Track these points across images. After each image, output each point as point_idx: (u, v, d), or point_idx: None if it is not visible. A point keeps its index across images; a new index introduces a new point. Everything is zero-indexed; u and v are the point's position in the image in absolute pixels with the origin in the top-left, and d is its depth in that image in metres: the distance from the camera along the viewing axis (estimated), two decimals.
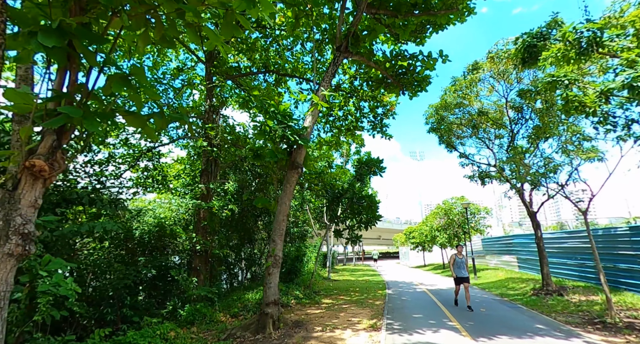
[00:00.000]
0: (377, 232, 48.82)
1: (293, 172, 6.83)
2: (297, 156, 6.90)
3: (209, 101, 10.53)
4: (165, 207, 10.53)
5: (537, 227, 10.10)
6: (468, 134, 13.02)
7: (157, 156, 11.21)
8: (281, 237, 6.53)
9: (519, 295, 10.08)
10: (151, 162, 11.12)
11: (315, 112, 7.27)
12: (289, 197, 6.73)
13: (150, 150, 10.89)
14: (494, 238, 19.42)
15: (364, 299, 9.96)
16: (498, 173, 11.94)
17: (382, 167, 14.28)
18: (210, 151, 9.80)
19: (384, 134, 13.33)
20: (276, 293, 6.24)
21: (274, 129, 6.57)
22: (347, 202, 13.29)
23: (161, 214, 11.77)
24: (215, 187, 9.85)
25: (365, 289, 12.76)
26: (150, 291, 8.87)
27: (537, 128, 9.09)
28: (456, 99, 11.49)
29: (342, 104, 13.50)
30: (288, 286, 11.23)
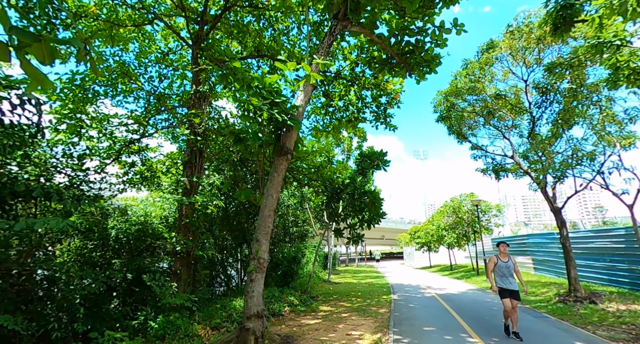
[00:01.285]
0: (380, 232, 47.66)
1: (281, 158, 5.76)
2: (286, 139, 5.82)
3: (195, 87, 9.50)
4: (156, 205, 9.58)
5: (563, 225, 8.94)
6: (481, 123, 11.88)
7: (145, 150, 10.20)
8: (267, 237, 5.45)
9: (542, 302, 8.92)
10: (138, 156, 10.12)
11: (307, 89, 6.18)
12: (277, 188, 5.66)
13: (133, 142, 9.86)
14: (505, 238, 18.22)
15: (366, 307, 8.86)
16: (515, 165, 10.80)
17: (385, 160, 13.17)
18: (194, 140, 8.76)
19: (387, 125, 12.24)
20: (260, 303, 5.17)
21: (259, 109, 5.51)
22: (348, 199, 12.19)
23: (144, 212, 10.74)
24: (199, 180, 8.79)
25: (368, 293, 11.65)
26: (126, 298, 7.85)
27: (563, 112, 7.94)
28: (468, 84, 10.35)
29: (342, 93, 12.40)
30: (282, 290, 10.15)
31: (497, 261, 5.79)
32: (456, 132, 11.29)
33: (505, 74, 10.33)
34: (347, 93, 12.14)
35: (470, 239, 18.74)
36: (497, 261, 5.79)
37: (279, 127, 5.87)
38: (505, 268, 5.72)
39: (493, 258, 5.82)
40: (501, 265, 5.76)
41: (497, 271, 5.78)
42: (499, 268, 5.76)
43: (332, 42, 6.78)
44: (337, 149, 22.81)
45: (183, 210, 8.57)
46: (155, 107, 10.62)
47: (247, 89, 5.53)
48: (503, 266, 5.75)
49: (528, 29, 8.17)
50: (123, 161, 10.09)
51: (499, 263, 5.78)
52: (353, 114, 12.40)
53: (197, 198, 8.14)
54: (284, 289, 10.32)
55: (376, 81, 11.46)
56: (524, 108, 8.93)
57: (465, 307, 8.64)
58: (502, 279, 5.73)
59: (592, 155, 6.47)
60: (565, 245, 8.91)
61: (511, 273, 5.73)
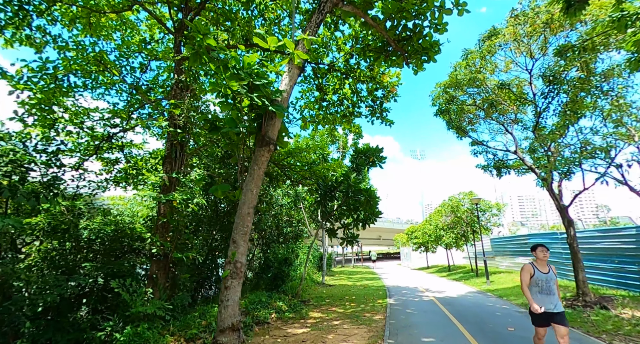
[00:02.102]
0: (377, 232, 47.11)
1: (263, 150, 5.11)
2: (268, 128, 5.17)
3: (176, 76, 8.83)
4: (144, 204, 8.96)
5: (570, 224, 8.36)
6: (481, 117, 11.31)
7: (129, 147, 9.52)
8: (245, 238, 4.80)
9: None
10: (121, 153, 9.43)
11: (293, 72, 5.53)
12: (257, 183, 5.01)
13: (112, 137, 9.14)
14: (505, 238, 17.70)
15: (360, 312, 8.22)
16: (517, 161, 10.22)
17: (381, 157, 12.55)
18: (174, 133, 8.10)
19: (383, 119, 11.65)
20: (236, 313, 4.51)
21: (238, 93, 4.87)
22: (342, 197, 11.56)
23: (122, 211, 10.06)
24: (179, 177, 8.11)
25: (363, 297, 11.02)
26: (97, 305, 7.15)
27: (572, 103, 7.36)
28: (468, 75, 9.76)
29: (336, 86, 11.77)
30: (271, 295, 9.49)
31: (533, 272, 4.05)
32: (455, 127, 10.70)
33: (507, 64, 9.75)
34: (341, 86, 11.52)
35: (469, 240, 18.18)
36: (533, 272, 4.05)
37: (260, 115, 5.23)
38: (545, 282, 3.99)
39: (528, 267, 4.13)
40: (540, 277, 4.00)
41: (534, 286, 4.06)
42: (537, 281, 4.01)
43: (321, 21, 6.14)
44: (332, 147, 22.21)
45: (161, 209, 7.90)
46: (139, 101, 9.92)
47: (223, 71, 4.88)
48: (542, 279, 4.00)
49: (534, 13, 7.59)
50: (106, 158, 9.44)
51: (537, 275, 4.02)
52: (348, 108, 11.79)
53: (176, 195, 7.46)
54: (272, 294, 9.66)
55: (372, 74, 10.85)
56: (529, 99, 8.35)
57: (467, 312, 8.03)
58: (542, 296, 3.97)
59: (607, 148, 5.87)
60: (572, 246, 8.34)
61: (553, 288, 4.01)
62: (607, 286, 9.44)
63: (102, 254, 7.65)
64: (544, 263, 4.14)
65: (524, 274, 4.13)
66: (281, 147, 5.70)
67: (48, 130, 7.40)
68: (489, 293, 11.37)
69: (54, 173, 7.17)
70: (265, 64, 5.03)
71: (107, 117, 8.50)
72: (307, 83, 12.05)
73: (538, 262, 4.14)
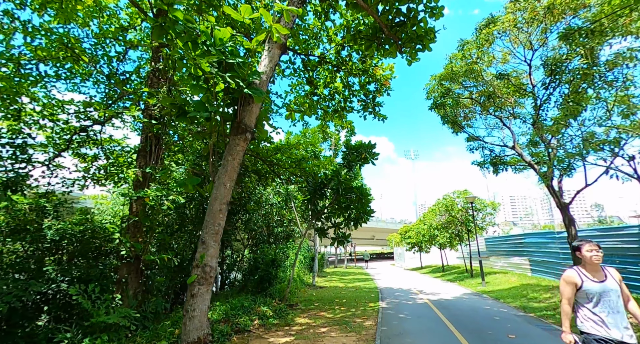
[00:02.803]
0: (370, 232, 46.73)
1: (238, 138, 4.51)
2: (244, 114, 4.58)
3: (154, 64, 8.18)
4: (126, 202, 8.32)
5: (571, 223, 7.94)
6: (477, 112, 10.87)
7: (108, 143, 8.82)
8: (216, 238, 4.20)
9: (547, 309, 7.90)
10: (100, 149, 8.73)
11: (273, 52, 4.94)
12: (232, 175, 4.41)
13: (84, 130, 8.43)
14: (500, 238, 17.36)
15: (350, 318, 7.67)
16: (514, 158, 9.80)
17: (374, 153, 11.99)
18: (149, 124, 7.45)
19: (376, 114, 11.16)
20: (204, 325, 3.91)
21: (209, 74, 4.28)
22: (333, 195, 11.01)
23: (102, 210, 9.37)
24: (154, 172, 7.46)
25: (354, 300, 10.47)
26: (60, 313, 6.46)
27: (574, 93, 6.91)
28: (464, 67, 9.29)
29: (328, 80, 11.20)
30: (256, 299, 8.88)
31: (580, 282, 2.64)
32: (451, 121, 10.23)
33: (505, 56, 9.31)
34: (332, 80, 10.97)
35: (464, 239, 17.79)
36: (580, 282, 2.64)
37: (235, 99, 4.63)
38: (603, 294, 2.57)
39: (571, 275, 2.73)
40: (591, 289, 2.59)
41: (582, 301, 2.65)
42: (589, 293, 2.61)
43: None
44: (324, 144, 21.65)
45: (133, 207, 7.24)
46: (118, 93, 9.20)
47: (192, 48, 4.27)
48: (597, 291, 2.58)
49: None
50: (83, 153, 8.75)
51: (587, 286, 2.61)
52: (339, 103, 11.26)
53: (148, 192, 6.80)
54: (257, 298, 9.05)
55: (364, 66, 10.33)
56: (528, 91, 7.90)
57: (463, 317, 7.54)
58: (601, 316, 2.55)
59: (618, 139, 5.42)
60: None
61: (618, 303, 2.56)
62: None
63: (75, 257, 7.00)
64: (597, 266, 2.68)
65: (565, 288, 2.70)
66: (261, 136, 5.11)
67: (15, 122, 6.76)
68: (485, 295, 10.93)
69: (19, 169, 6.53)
70: (240, 39, 4.43)
71: (84, 110, 7.86)
72: (297, 76, 11.45)
73: (587, 267, 2.71)
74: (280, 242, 17.78)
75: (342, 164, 11.12)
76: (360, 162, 11.70)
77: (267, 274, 10.80)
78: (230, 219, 13.41)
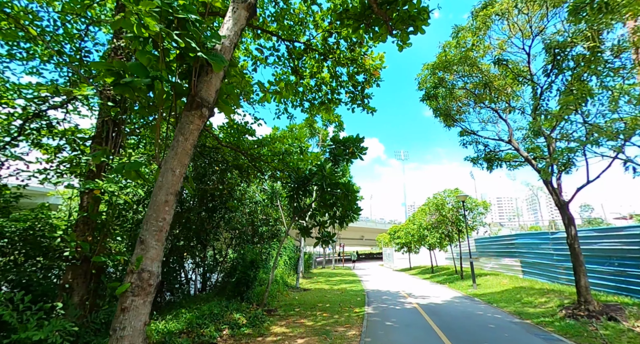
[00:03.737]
0: (359, 232, 46.19)
1: (193, 114, 3.69)
2: (201, 86, 3.76)
3: (115, 42, 7.24)
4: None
5: (570, 222, 7.38)
6: (471, 105, 10.29)
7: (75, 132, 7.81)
8: (160, 236, 3.36)
9: (545, 315, 7.31)
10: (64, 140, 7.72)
11: (239, 13, 4.12)
12: (183, 160, 3.58)
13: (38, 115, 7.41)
14: (490, 238, 16.92)
15: (332, 326, 6.91)
16: (511, 153, 9.23)
17: (362, 147, 11.29)
18: (105, 106, 6.54)
19: (365, 107, 10.41)
20: None
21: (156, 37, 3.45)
22: (317, 192, 10.25)
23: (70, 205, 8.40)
24: (108, 161, 6.53)
25: (338, 305, 9.72)
26: None
27: (578, 82, 6.32)
28: (458, 55, 8.66)
29: (314, 70, 10.39)
30: (229, 304, 8.02)
31: None
32: (443, 114, 9.59)
33: (502, 44, 8.71)
34: (319, 70, 10.18)
35: (454, 240, 17.28)
36: None
37: (190, 66, 3.81)
38: None
39: None
40: None
41: None
42: None
43: None
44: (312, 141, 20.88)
45: (83, 200, 6.31)
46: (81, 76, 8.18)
47: (134, 0, 3.45)
48: None
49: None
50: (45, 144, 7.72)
51: None
52: (326, 95, 10.49)
53: (100, 183, 5.88)
54: (231, 303, 8.19)
55: (352, 55, 9.57)
56: (528, 78, 7.29)
57: (456, 325, 6.87)
58: None
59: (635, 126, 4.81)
60: (573, 247, 7.35)
61: None
62: (605, 291, 8.57)
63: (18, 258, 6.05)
64: None
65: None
66: (225, 114, 4.29)
67: None
68: (477, 299, 10.35)
69: None
70: None
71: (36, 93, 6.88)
72: (281, 64, 10.61)
73: None
74: (265, 242, 16.95)
75: (327, 157, 10.37)
76: (348, 157, 10.96)
77: (245, 276, 9.95)
78: (212, 217, 12.53)
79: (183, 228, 10.96)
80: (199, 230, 11.45)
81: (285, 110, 10.97)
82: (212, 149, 10.51)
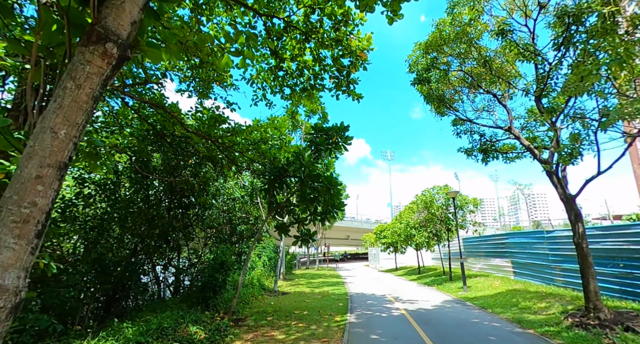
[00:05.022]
0: (345, 232, 45.33)
1: (92, 51, 2.47)
2: (108, 13, 2.55)
3: None
4: None
5: (578, 219, 6.55)
6: (465, 93, 9.43)
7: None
8: (24, 230, 2.14)
9: (548, 324, 6.45)
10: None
11: None
12: (72, 116, 2.38)
13: None
14: (479, 238, 16.24)
15: (307, 340, 5.82)
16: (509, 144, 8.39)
17: (347, 137, 10.25)
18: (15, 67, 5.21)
19: (350, 93, 9.29)
20: None
21: None
22: (297, 185, 9.13)
23: None
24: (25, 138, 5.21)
25: (317, 312, 8.63)
26: None
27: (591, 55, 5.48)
28: (454, 32, 7.74)
29: (295, 52, 9.21)
30: (187, 314, 6.79)
31: None
32: (437, 99, 8.65)
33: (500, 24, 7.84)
34: (301, 52, 9.04)
35: (443, 239, 16.52)
36: None
37: None
38: None
39: None
40: None
41: None
42: None
43: None
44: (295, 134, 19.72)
45: None
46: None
47: None
48: None
49: None
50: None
51: None
52: (309, 80, 9.36)
53: (5, 164, 4.55)
54: (190, 313, 6.96)
55: (337, 35, 8.47)
56: (536, 53, 6.42)
57: (451, 337, 5.91)
58: None
59: None
60: (581, 246, 6.52)
61: None
62: (608, 295, 7.83)
63: None
64: None
65: None
66: (151, 61, 3.14)
67: None
68: (469, 303, 9.48)
69: None
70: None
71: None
72: (259, 45, 9.38)
73: None
74: (244, 242, 15.70)
75: (307, 145, 9.27)
76: (331, 147, 9.87)
77: (213, 280, 8.72)
78: (184, 215, 11.22)
79: (149, 226, 9.64)
80: (167, 229, 10.13)
81: (264, 96, 9.75)
82: (181, 138, 9.26)
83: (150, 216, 9.47)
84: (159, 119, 8.63)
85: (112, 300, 8.54)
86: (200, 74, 8.50)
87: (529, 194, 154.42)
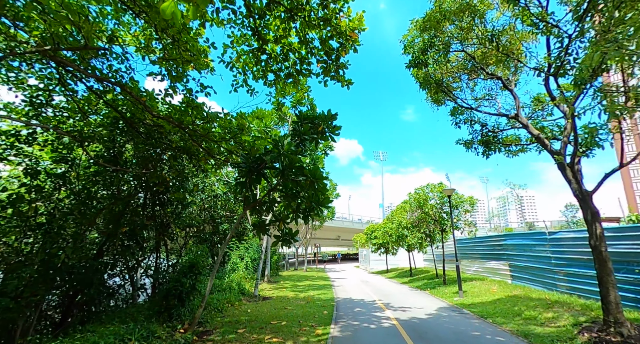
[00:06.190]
0: (335, 232, 44.40)
1: None
2: None
3: None
4: None
5: (595, 218, 5.69)
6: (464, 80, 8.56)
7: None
8: None
9: (560, 339, 5.57)
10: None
11: None
12: None
13: None
14: (474, 239, 15.44)
15: None
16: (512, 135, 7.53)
17: (335, 126, 9.25)
18: None
19: (339, 79, 8.35)
20: None
21: None
22: (277, 178, 8.10)
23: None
24: None
25: (297, 322, 7.60)
26: None
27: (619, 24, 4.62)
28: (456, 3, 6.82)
29: (280, 33, 8.17)
30: (137, 329, 5.68)
31: None
32: (435, 83, 7.73)
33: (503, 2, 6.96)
34: (286, 33, 8.00)
35: (436, 240, 15.68)
36: None
37: None
38: None
39: None
40: None
41: None
42: None
43: None
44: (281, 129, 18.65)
45: None
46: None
47: None
48: None
49: None
50: None
51: None
52: (295, 64, 8.35)
53: None
54: (143, 326, 5.85)
55: (325, 14, 7.45)
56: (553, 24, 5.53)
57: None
58: None
59: None
60: (599, 250, 5.66)
61: None
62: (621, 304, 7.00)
63: None
64: None
65: None
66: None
67: None
68: (466, 311, 8.59)
69: None
70: None
71: None
72: (239, 24, 8.29)
73: None
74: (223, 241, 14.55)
75: (288, 133, 8.25)
76: (317, 136, 8.85)
77: (178, 286, 7.62)
78: (158, 212, 10.09)
79: (115, 224, 8.46)
80: (136, 227, 8.96)
81: (245, 82, 8.68)
82: (152, 128, 8.18)
83: (116, 212, 8.34)
84: (129, 105, 7.55)
85: (72, 305, 7.39)
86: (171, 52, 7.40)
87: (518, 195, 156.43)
